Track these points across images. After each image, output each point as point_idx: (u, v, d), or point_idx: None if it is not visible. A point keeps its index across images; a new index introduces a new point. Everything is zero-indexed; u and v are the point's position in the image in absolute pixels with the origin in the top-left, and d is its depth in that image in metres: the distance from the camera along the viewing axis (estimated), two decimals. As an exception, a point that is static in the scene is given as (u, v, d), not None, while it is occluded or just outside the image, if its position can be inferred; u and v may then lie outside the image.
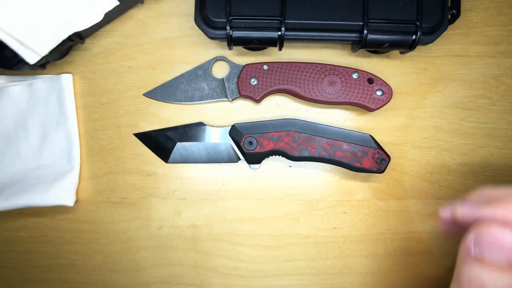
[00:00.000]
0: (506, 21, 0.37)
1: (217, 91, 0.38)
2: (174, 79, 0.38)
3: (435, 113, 0.38)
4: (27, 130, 0.38)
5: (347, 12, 0.33)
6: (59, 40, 0.32)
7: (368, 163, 0.35)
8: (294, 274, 0.39)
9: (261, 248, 0.39)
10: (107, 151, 0.39)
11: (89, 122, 0.39)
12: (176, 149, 0.37)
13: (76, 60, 0.39)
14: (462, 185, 0.38)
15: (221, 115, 0.39)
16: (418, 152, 0.38)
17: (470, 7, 0.37)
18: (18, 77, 0.38)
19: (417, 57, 0.38)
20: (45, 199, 0.36)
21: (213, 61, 0.38)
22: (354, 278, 0.39)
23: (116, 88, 0.39)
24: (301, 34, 0.34)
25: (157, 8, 0.38)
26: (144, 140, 0.38)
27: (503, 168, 0.38)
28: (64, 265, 0.40)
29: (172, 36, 0.38)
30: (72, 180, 0.37)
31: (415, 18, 0.33)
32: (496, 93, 0.37)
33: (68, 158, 0.38)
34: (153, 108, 0.39)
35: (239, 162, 0.38)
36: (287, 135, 0.35)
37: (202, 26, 0.34)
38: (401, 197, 0.38)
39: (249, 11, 0.33)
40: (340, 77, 0.36)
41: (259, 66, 0.36)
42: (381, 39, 0.33)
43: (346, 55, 0.38)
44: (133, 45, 0.38)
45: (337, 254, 0.39)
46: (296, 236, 0.39)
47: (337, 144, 0.35)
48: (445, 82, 0.38)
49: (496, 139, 0.38)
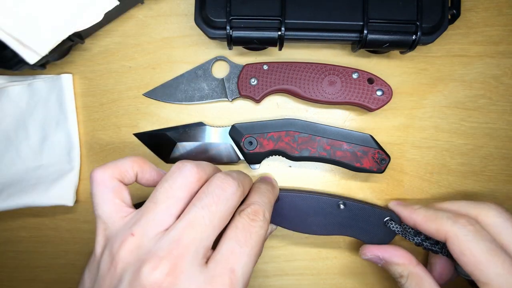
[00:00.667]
0: (506, 21, 0.37)
1: (217, 91, 0.38)
2: (174, 79, 0.38)
3: (435, 113, 0.38)
4: (27, 130, 0.38)
5: (347, 12, 0.33)
6: (59, 40, 0.32)
7: (368, 163, 0.35)
8: (294, 274, 0.39)
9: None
10: (107, 151, 0.39)
11: (89, 122, 0.39)
12: (176, 149, 0.37)
13: (76, 60, 0.39)
14: (462, 185, 0.38)
15: (221, 115, 0.39)
16: (418, 152, 0.38)
17: (470, 7, 0.37)
18: (18, 77, 0.38)
19: (417, 57, 0.38)
20: (45, 199, 0.36)
21: (213, 61, 0.38)
22: (354, 278, 0.39)
23: (116, 88, 0.39)
24: (301, 34, 0.34)
25: (157, 8, 0.38)
26: (144, 140, 0.38)
27: (503, 168, 0.38)
28: (64, 265, 0.40)
29: (172, 36, 0.38)
30: (72, 180, 0.37)
31: (415, 18, 0.33)
32: (496, 93, 0.37)
33: (68, 158, 0.38)
34: (153, 108, 0.39)
35: (239, 162, 0.38)
36: (287, 135, 0.35)
37: (202, 26, 0.34)
38: (401, 197, 0.38)
39: (249, 11, 0.33)
40: (340, 77, 0.36)
41: (259, 66, 0.36)
42: (381, 39, 0.33)
43: (346, 55, 0.38)
44: (133, 45, 0.38)
45: (337, 254, 0.39)
46: (296, 236, 0.39)
47: (337, 144, 0.35)
48: (445, 82, 0.38)
49: (495, 139, 0.38)
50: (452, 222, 0.28)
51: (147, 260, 0.22)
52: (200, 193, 0.25)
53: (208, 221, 0.23)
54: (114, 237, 0.24)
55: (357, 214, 0.34)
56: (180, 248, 0.22)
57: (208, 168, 0.27)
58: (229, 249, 0.23)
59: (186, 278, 0.22)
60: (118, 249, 0.23)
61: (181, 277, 0.22)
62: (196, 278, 0.22)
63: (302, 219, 0.34)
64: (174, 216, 0.24)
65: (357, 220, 0.34)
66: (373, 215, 0.34)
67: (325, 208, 0.34)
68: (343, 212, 0.34)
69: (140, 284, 0.21)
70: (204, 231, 0.23)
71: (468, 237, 0.27)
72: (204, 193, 0.25)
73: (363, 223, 0.34)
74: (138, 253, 0.23)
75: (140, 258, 0.22)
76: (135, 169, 0.28)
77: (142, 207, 0.25)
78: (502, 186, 0.38)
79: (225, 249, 0.23)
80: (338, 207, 0.34)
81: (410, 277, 0.31)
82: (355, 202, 0.35)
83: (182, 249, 0.22)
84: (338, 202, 0.34)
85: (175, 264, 0.22)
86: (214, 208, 0.24)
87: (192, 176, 0.25)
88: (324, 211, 0.34)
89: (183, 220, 0.23)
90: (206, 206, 0.24)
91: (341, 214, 0.34)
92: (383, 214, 0.34)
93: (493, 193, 0.38)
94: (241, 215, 0.26)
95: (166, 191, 0.25)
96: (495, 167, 0.38)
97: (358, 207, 0.34)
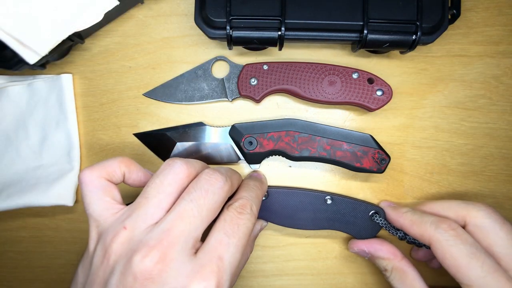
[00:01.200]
0: (506, 21, 0.37)
1: (217, 91, 0.38)
2: (174, 79, 0.38)
3: (435, 113, 0.38)
4: (27, 130, 0.38)
5: (347, 12, 0.33)
6: (59, 40, 0.32)
7: (368, 163, 0.35)
8: (294, 274, 0.39)
9: (261, 248, 0.39)
10: (107, 151, 0.39)
11: (89, 122, 0.39)
12: (176, 149, 0.37)
13: (76, 60, 0.39)
14: (462, 185, 0.38)
15: (221, 115, 0.39)
16: (418, 152, 0.38)
17: (470, 7, 0.37)
18: (18, 77, 0.38)
19: (417, 57, 0.38)
20: (45, 199, 0.36)
21: (213, 61, 0.38)
22: (354, 278, 0.39)
23: (116, 88, 0.39)
24: (301, 34, 0.34)
25: (157, 8, 0.38)
26: (144, 140, 0.38)
27: (503, 168, 0.38)
28: (64, 265, 0.40)
29: (172, 36, 0.38)
30: (72, 180, 0.37)
31: (415, 18, 0.33)
32: (496, 93, 0.37)
33: (68, 158, 0.38)
34: (153, 108, 0.39)
35: (239, 162, 0.38)
36: (287, 135, 0.35)
37: (202, 26, 0.34)
38: (401, 197, 0.38)
39: (249, 11, 0.33)
40: (340, 77, 0.36)
41: (259, 66, 0.36)
42: (381, 39, 0.33)
43: (346, 55, 0.38)
44: (133, 45, 0.38)
45: (337, 254, 0.39)
46: (296, 236, 0.39)
47: (337, 144, 0.35)
48: (445, 82, 0.38)
49: (496, 139, 0.38)
50: (435, 227, 0.29)
51: (138, 249, 0.23)
52: (190, 188, 0.26)
53: (196, 213, 0.25)
54: (106, 232, 0.25)
55: (344, 208, 0.35)
56: (170, 238, 0.23)
57: (197, 164, 0.29)
58: (217, 239, 0.25)
59: (175, 266, 0.23)
60: (111, 242, 0.24)
61: (170, 265, 0.23)
62: (185, 266, 0.23)
63: (291, 214, 0.36)
64: (164, 210, 0.25)
65: (344, 214, 0.35)
66: (359, 209, 0.35)
67: (313, 203, 0.35)
68: (331, 207, 0.35)
69: (131, 272, 0.22)
70: (192, 222, 0.24)
71: (450, 241, 0.28)
72: (193, 188, 0.26)
73: (350, 217, 0.35)
74: (129, 245, 0.24)
75: (132, 248, 0.23)
76: (122, 169, 0.28)
77: (133, 203, 0.26)
78: (502, 186, 0.38)
79: (214, 240, 0.25)
80: (325, 202, 0.35)
81: (394, 271, 0.32)
82: (341, 197, 0.36)
83: (171, 239, 0.23)
84: (325, 197, 0.35)
85: (164, 253, 0.23)
86: (202, 201, 0.25)
87: (182, 172, 0.27)
88: (312, 206, 0.35)
89: (173, 212, 0.25)
90: (195, 199, 0.25)
91: (329, 209, 0.35)
92: (369, 208, 0.35)
93: (493, 193, 0.38)
94: (229, 209, 0.27)
95: (157, 187, 0.26)
96: (495, 167, 0.38)
97: (345, 201, 0.35)
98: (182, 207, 0.25)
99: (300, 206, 0.35)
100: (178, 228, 0.24)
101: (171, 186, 0.26)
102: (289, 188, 0.37)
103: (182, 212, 0.24)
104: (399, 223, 0.33)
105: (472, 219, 0.30)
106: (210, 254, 0.24)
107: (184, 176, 0.27)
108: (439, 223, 0.29)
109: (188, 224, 0.24)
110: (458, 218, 0.31)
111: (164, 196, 0.25)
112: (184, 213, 0.24)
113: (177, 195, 0.26)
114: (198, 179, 0.27)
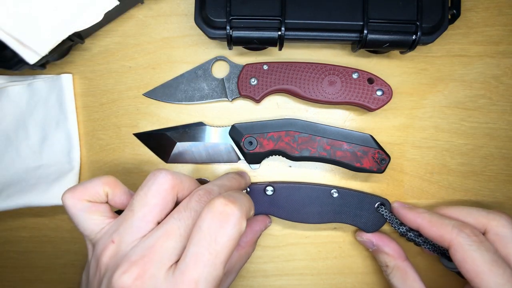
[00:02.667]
0: (506, 21, 0.37)
1: (217, 91, 0.38)
2: (174, 79, 0.38)
3: (435, 113, 0.38)
4: (27, 130, 0.38)
5: (347, 12, 0.33)
6: (59, 40, 0.32)
7: (368, 163, 0.35)
8: (294, 274, 0.39)
9: (261, 248, 0.39)
10: (107, 151, 0.39)
11: (89, 122, 0.39)
12: (176, 149, 0.37)
13: (76, 60, 0.39)
14: (462, 185, 0.38)
15: (221, 115, 0.39)
16: (418, 152, 0.38)
17: (470, 7, 0.37)
18: (18, 77, 0.38)
19: (417, 57, 0.38)
20: (45, 199, 0.36)
21: (213, 61, 0.38)
22: (354, 278, 0.39)
23: (116, 88, 0.39)
24: (301, 34, 0.34)
25: (157, 8, 0.38)
26: (144, 140, 0.38)
27: (503, 168, 0.38)
28: (64, 265, 0.40)
29: (172, 36, 0.38)
30: (72, 180, 0.37)
31: (415, 18, 0.33)
32: (496, 93, 0.37)
33: (68, 158, 0.38)
34: (153, 108, 0.39)
35: (239, 162, 0.38)
36: (287, 135, 0.35)
37: (202, 26, 0.34)
38: (401, 197, 0.38)
39: (249, 11, 0.33)
40: (340, 77, 0.36)
41: (259, 66, 0.36)
42: (381, 39, 0.33)
43: (346, 55, 0.38)
44: (133, 45, 0.38)
45: (337, 254, 0.39)
46: (296, 236, 0.39)
47: (337, 144, 0.35)
48: (445, 82, 0.38)
49: (496, 139, 0.38)
50: (458, 231, 0.29)
51: (120, 264, 0.23)
52: (180, 207, 0.26)
53: (183, 232, 0.25)
54: (98, 245, 0.26)
55: (350, 201, 0.36)
56: (152, 254, 0.23)
57: (185, 178, 0.28)
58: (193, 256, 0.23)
59: (153, 284, 0.23)
60: (100, 255, 0.25)
61: (148, 283, 0.23)
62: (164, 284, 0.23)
63: (298, 208, 0.36)
64: (150, 222, 0.25)
65: (350, 206, 0.36)
66: (365, 201, 0.36)
67: (319, 197, 0.36)
68: (337, 200, 0.36)
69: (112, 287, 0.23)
70: (178, 241, 0.24)
71: (472, 247, 0.28)
72: (183, 207, 0.26)
73: (356, 209, 0.36)
74: (115, 259, 0.24)
75: (117, 263, 0.24)
76: (105, 190, 0.28)
77: (121, 215, 0.27)
78: (502, 186, 0.38)
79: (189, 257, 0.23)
80: (331, 195, 0.36)
81: (395, 269, 0.33)
82: (347, 189, 0.36)
83: (153, 256, 0.23)
84: (331, 190, 0.36)
85: (144, 269, 0.23)
86: (190, 222, 0.25)
87: (166, 183, 0.26)
88: (319, 199, 0.36)
89: (160, 229, 0.25)
90: (183, 219, 0.25)
91: (335, 202, 0.36)
92: (375, 199, 0.36)
93: (493, 193, 0.38)
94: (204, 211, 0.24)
95: (141, 199, 0.26)
96: (495, 167, 0.38)
97: (351, 194, 0.36)
98: (170, 225, 0.25)
99: (306, 200, 0.36)
100: (162, 245, 0.24)
101: (155, 198, 0.26)
102: (295, 183, 0.37)
103: (169, 230, 0.24)
104: (416, 224, 0.32)
105: (493, 228, 0.30)
106: (185, 276, 0.23)
107: (169, 187, 0.26)
108: (461, 227, 0.29)
109: (173, 242, 0.24)
110: (479, 225, 0.31)
111: (149, 208, 0.26)
112: (171, 231, 0.24)
113: (163, 206, 0.26)
114: (190, 199, 0.26)
